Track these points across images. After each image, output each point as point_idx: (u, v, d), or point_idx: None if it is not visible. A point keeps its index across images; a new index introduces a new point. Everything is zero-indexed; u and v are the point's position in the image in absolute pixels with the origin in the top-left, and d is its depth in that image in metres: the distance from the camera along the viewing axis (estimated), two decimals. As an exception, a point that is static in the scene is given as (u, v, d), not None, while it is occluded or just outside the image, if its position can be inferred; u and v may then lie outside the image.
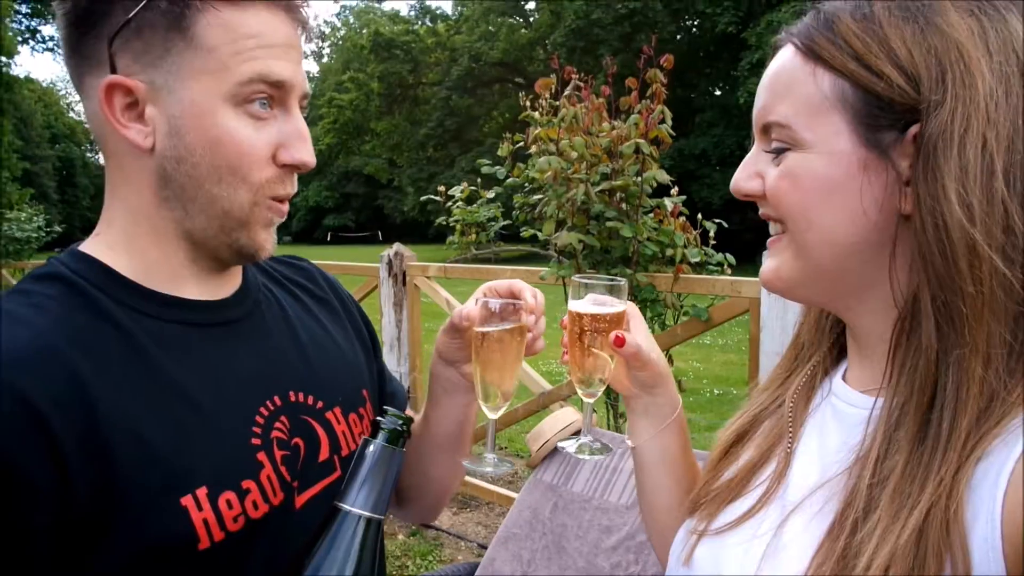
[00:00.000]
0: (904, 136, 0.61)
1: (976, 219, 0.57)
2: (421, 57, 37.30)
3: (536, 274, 3.15)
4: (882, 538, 0.56)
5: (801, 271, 0.69)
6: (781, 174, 0.68)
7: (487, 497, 3.70)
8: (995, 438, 0.55)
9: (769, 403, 0.82)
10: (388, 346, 3.92)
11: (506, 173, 3.32)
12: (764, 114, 0.70)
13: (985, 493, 0.54)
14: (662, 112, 2.77)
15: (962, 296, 0.58)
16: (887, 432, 0.61)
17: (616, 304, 0.84)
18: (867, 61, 0.62)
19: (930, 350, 0.59)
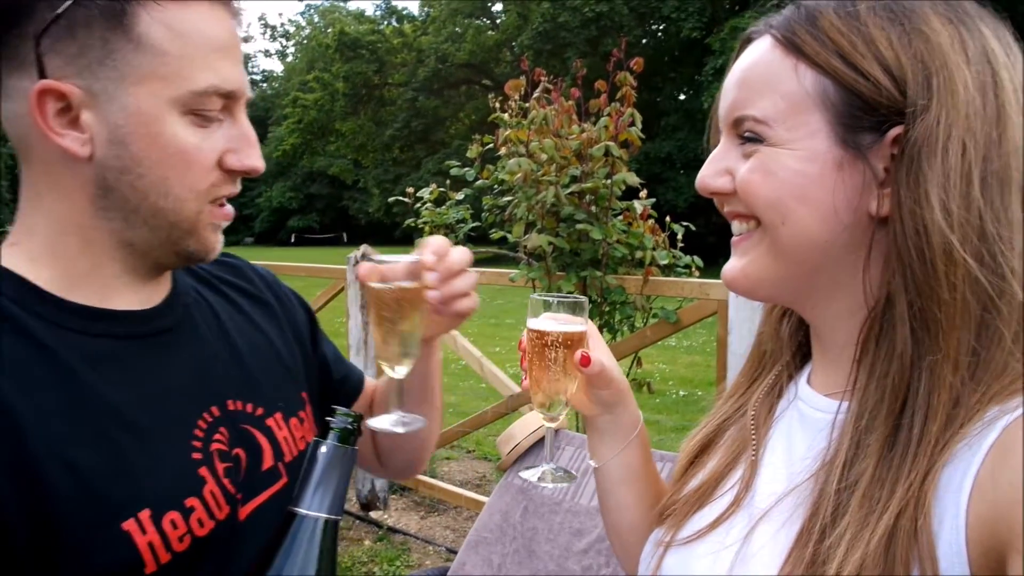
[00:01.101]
0: (883, 138, 0.61)
1: (955, 225, 0.57)
2: (387, 57, 37.08)
3: (506, 276, 3.14)
4: (851, 544, 0.56)
5: (770, 269, 0.67)
6: (753, 168, 0.66)
7: (455, 501, 3.68)
8: (959, 442, 0.55)
9: (732, 412, 0.81)
10: (354, 349, 3.87)
11: (475, 175, 3.30)
12: (737, 108, 0.67)
13: (950, 498, 0.54)
14: (632, 115, 2.78)
15: (938, 302, 0.58)
16: (855, 437, 0.61)
17: (577, 323, 0.81)
18: (852, 60, 0.61)
19: (904, 355, 0.59)
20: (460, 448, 4.95)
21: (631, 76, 2.81)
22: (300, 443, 0.90)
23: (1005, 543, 0.49)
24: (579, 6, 25.77)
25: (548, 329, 0.80)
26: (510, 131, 2.96)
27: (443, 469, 4.54)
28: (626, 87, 2.80)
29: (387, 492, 3.97)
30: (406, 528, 3.72)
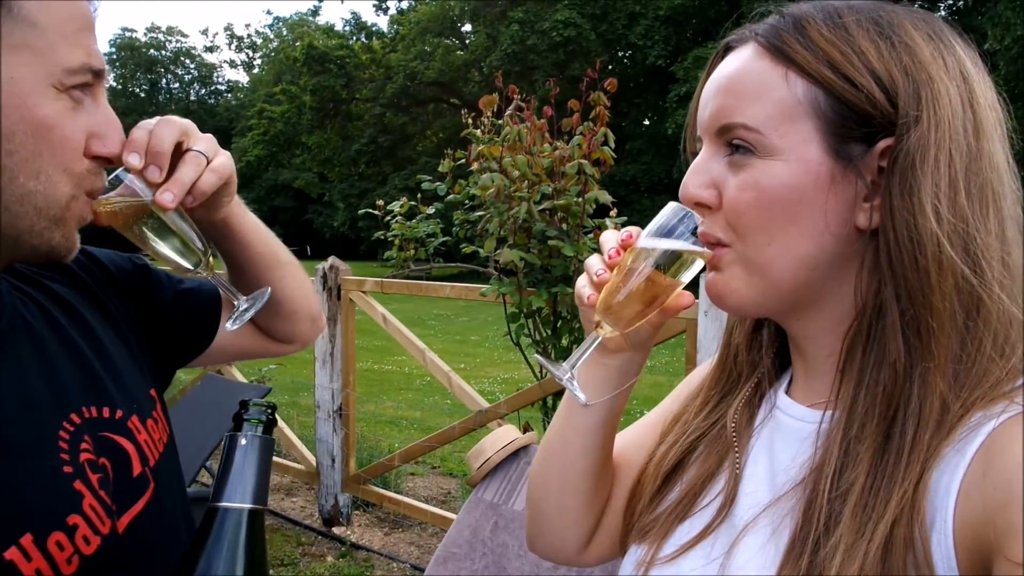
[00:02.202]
0: (871, 150, 0.62)
1: (947, 233, 0.58)
2: (355, 73, 36.96)
3: (476, 291, 3.14)
4: (848, 554, 0.55)
5: (756, 287, 0.65)
6: (744, 185, 0.63)
7: (419, 517, 3.64)
8: (947, 447, 0.56)
9: (707, 427, 0.79)
10: (320, 362, 3.82)
11: (446, 189, 3.31)
12: (724, 115, 0.65)
13: (939, 502, 0.54)
14: (605, 134, 2.82)
15: (931, 310, 0.59)
16: (844, 446, 0.60)
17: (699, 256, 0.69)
18: (844, 71, 0.61)
19: (896, 364, 0.59)
20: (425, 464, 4.90)
21: (604, 96, 2.85)
22: (159, 445, 0.84)
23: (991, 547, 0.49)
24: (547, 30, 26.12)
25: (678, 248, 0.67)
26: (483, 147, 2.98)
27: (408, 485, 4.49)
28: (600, 107, 2.84)
29: (350, 507, 3.91)
30: (369, 544, 3.66)
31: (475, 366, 9.04)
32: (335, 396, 3.79)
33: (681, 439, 0.80)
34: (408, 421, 6.35)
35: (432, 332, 12.19)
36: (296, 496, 4.35)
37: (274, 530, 3.85)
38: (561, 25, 26.09)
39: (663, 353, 8.75)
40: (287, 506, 4.19)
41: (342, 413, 3.81)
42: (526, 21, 26.99)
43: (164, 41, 63.68)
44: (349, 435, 3.84)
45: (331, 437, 3.83)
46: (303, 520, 3.97)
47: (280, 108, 41.28)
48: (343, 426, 3.81)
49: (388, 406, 6.81)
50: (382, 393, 7.50)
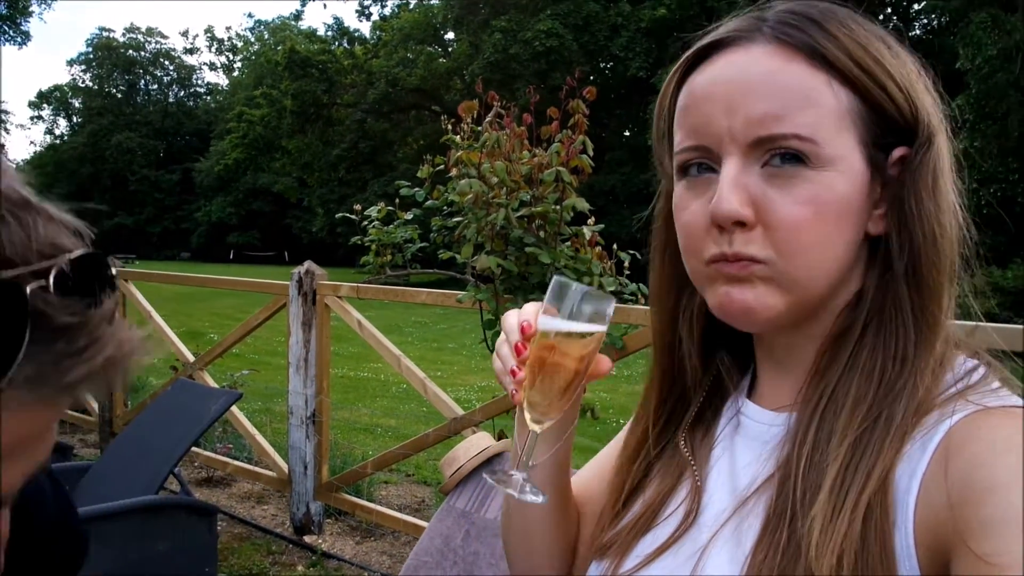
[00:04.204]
0: (889, 157, 0.63)
1: (959, 239, 0.62)
2: (337, 78, 36.88)
3: (452, 297, 3.12)
4: (825, 528, 0.55)
5: (791, 302, 0.62)
6: (803, 199, 0.59)
7: (392, 525, 3.59)
8: (907, 446, 0.57)
9: (659, 449, 0.77)
10: (294, 367, 3.77)
11: (425, 195, 3.29)
12: (768, 124, 0.59)
13: (900, 499, 0.55)
14: (583, 142, 2.82)
15: (932, 316, 0.60)
16: (818, 444, 0.60)
17: (603, 321, 0.71)
18: (877, 78, 0.61)
19: (885, 375, 0.60)
20: (399, 472, 4.86)
21: (583, 104, 2.86)
22: None
23: (949, 545, 0.50)
24: (530, 39, 26.26)
25: (573, 329, 0.69)
26: (462, 152, 2.97)
27: (381, 493, 4.44)
28: (579, 115, 2.85)
29: (322, 516, 3.86)
30: (341, 553, 3.61)
31: (452, 374, 9.00)
32: (308, 402, 3.75)
33: (634, 466, 0.78)
34: (383, 428, 6.30)
35: (409, 339, 12.13)
36: (267, 504, 4.28)
37: (243, 539, 3.79)
38: (543, 35, 26.25)
39: (640, 363, 8.78)
40: (258, 514, 4.13)
41: (315, 420, 3.76)
42: (509, 30, 27.12)
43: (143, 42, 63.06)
44: (322, 442, 3.79)
45: (304, 444, 3.78)
46: (274, 528, 3.91)
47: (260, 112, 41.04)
48: (316, 433, 3.76)
49: (363, 413, 6.75)
50: (358, 400, 7.44)
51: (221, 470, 4.49)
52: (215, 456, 4.47)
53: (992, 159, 15.36)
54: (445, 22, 34.94)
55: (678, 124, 0.66)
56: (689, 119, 0.64)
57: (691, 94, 0.65)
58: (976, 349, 0.64)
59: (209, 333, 10.36)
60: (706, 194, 0.63)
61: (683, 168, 0.66)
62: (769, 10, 0.64)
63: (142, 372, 7.18)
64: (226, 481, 4.60)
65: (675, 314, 0.76)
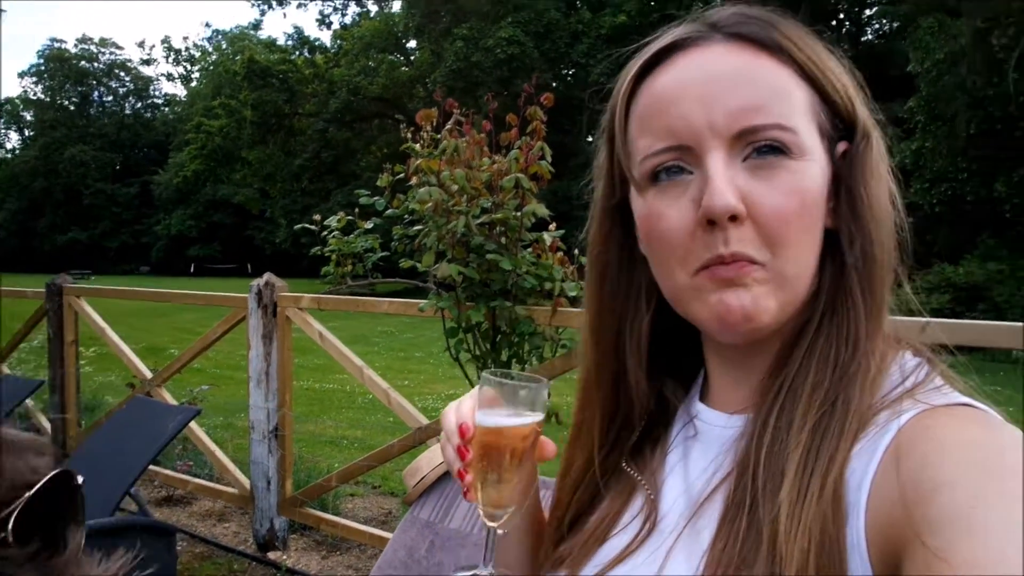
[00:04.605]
0: (835, 151, 0.64)
1: (898, 229, 0.64)
2: (298, 87, 36.53)
3: (414, 306, 3.10)
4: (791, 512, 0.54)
5: (785, 303, 0.61)
6: (789, 189, 0.59)
7: (358, 539, 3.54)
8: (859, 445, 0.57)
9: (605, 474, 0.76)
10: (255, 381, 3.70)
11: (385, 204, 3.26)
12: (751, 115, 0.59)
13: (852, 498, 0.55)
14: (541, 148, 2.83)
15: (879, 302, 0.62)
16: (778, 432, 0.60)
17: (539, 408, 0.71)
18: (825, 74, 0.63)
19: (839, 359, 0.60)
20: (366, 484, 4.80)
21: (541, 111, 2.86)
22: None
23: (901, 542, 0.50)
24: (492, 47, 26.36)
25: (511, 424, 0.69)
26: (421, 160, 2.95)
27: (347, 506, 4.38)
28: (536, 121, 2.85)
29: (286, 531, 3.79)
30: (306, 569, 3.55)
31: (419, 383, 8.94)
32: (270, 416, 3.68)
33: (578, 492, 0.77)
34: (349, 440, 6.22)
35: (376, 349, 12.03)
36: (229, 521, 4.19)
37: (205, 558, 3.70)
38: (505, 42, 26.36)
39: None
40: (220, 532, 4.04)
41: (278, 434, 3.69)
42: (470, 38, 27.18)
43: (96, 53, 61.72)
44: (285, 456, 3.72)
45: (266, 459, 3.71)
46: (236, 546, 3.83)
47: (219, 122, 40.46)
48: (279, 447, 3.70)
49: (328, 425, 6.66)
50: (323, 412, 7.34)
51: (181, 488, 4.38)
52: (174, 474, 4.36)
53: (943, 159, 15.82)
54: (406, 30, 34.89)
55: (643, 130, 0.64)
56: (660, 121, 0.62)
57: (658, 97, 0.63)
58: (917, 346, 0.65)
59: (170, 348, 10.14)
60: (683, 198, 0.62)
61: (653, 175, 0.63)
62: (712, 16, 0.65)
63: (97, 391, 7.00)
64: (186, 500, 4.49)
65: (617, 343, 0.74)
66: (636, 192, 0.66)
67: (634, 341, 0.73)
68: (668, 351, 0.76)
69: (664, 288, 0.67)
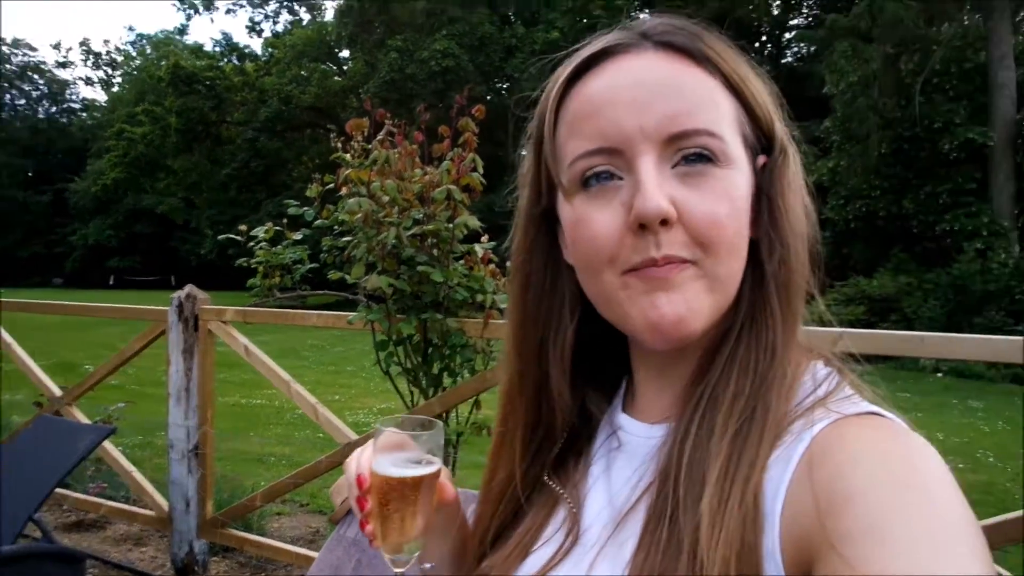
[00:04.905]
0: (756, 163, 0.65)
1: (811, 239, 0.66)
2: (226, 95, 35.54)
3: (343, 319, 3.04)
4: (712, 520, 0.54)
5: (715, 305, 0.62)
6: (717, 197, 0.60)
7: (285, 559, 3.43)
8: (774, 453, 0.57)
9: (527, 488, 0.75)
10: (174, 398, 3.55)
11: (315, 215, 3.19)
12: (682, 121, 0.60)
13: (767, 507, 0.55)
14: (473, 160, 2.83)
15: (795, 310, 0.63)
16: (700, 441, 0.60)
17: (436, 455, 0.71)
18: (749, 87, 0.64)
19: (759, 367, 0.61)
20: (293, 502, 4.66)
21: (472, 123, 2.87)
22: None
23: (813, 551, 0.50)
24: (426, 59, 26.32)
25: (407, 474, 0.69)
26: (351, 171, 2.91)
27: (273, 525, 4.24)
28: (468, 133, 2.85)
29: (207, 554, 3.63)
30: (229, 594, 3.41)
31: (351, 397, 8.76)
32: (191, 434, 3.53)
33: (500, 507, 0.76)
34: (276, 457, 6.03)
35: (306, 363, 11.74)
36: (146, 546, 3.99)
37: (119, 585, 3.51)
38: (440, 55, 26.37)
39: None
40: (135, 557, 3.84)
41: (198, 452, 3.55)
42: (404, 49, 27.07)
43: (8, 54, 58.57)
44: (206, 476, 3.58)
45: (186, 479, 3.55)
46: (153, 572, 3.64)
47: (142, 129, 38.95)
48: (200, 466, 3.55)
49: (254, 442, 6.44)
50: (249, 428, 7.10)
51: (93, 512, 4.15)
52: (86, 497, 4.13)
53: (856, 177, 16.63)
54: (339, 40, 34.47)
55: (573, 133, 0.64)
56: (591, 124, 0.62)
57: (589, 100, 0.63)
58: (827, 355, 0.66)
59: (84, 365, 9.64)
60: (613, 202, 0.61)
61: (583, 179, 0.63)
62: (642, 25, 0.65)
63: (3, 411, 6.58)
64: (99, 524, 4.25)
65: (540, 353, 0.73)
66: (563, 198, 0.66)
67: (557, 351, 0.72)
68: (591, 362, 0.76)
69: (591, 293, 0.66)
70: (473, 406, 2.98)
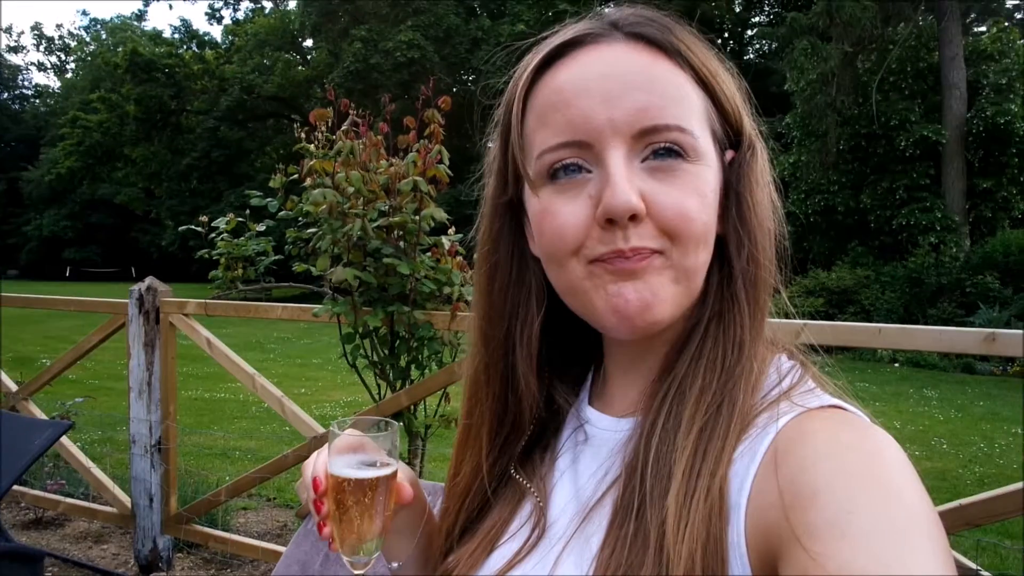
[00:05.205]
0: (724, 158, 0.66)
1: (775, 238, 0.66)
2: (186, 83, 34.71)
3: (308, 311, 3.01)
4: (679, 514, 0.55)
5: (681, 296, 0.62)
6: (687, 192, 0.60)
7: (251, 554, 3.40)
8: (740, 446, 0.58)
9: (494, 481, 0.75)
10: (136, 392, 3.48)
11: (279, 206, 3.15)
12: (652, 115, 0.59)
13: (733, 500, 0.55)
14: (439, 151, 2.82)
15: (763, 305, 0.64)
16: (666, 436, 0.60)
17: (392, 456, 0.72)
18: (719, 83, 0.64)
19: (726, 362, 0.62)
20: (260, 496, 4.61)
21: (439, 114, 2.86)
22: None
23: (778, 545, 0.50)
24: (391, 50, 26.02)
25: (363, 476, 0.69)
26: (315, 161, 2.88)
27: (239, 520, 4.19)
28: (434, 124, 2.84)
29: (171, 550, 3.58)
30: (192, 590, 3.37)
31: (317, 390, 8.68)
32: (153, 429, 3.47)
33: (467, 500, 0.76)
34: (242, 452, 5.95)
35: (272, 356, 11.59)
36: (107, 543, 3.92)
37: (79, 583, 3.44)
38: (405, 46, 26.09)
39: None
40: (96, 555, 3.76)
41: (161, 447, 3.49)
42: (369, 40, 26.72)
43: (-45, 37, 56.40)
44: (170, 471, 3.52)
45: (148, 475, 3.50)
46: (115, 569, 3.58)
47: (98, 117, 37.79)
48: (163, 462, 3.49)
49: (218, 437, 6.35)
50: (213, 423, 6.99)
51: (52, 509, 4.06)
52: (43, 494, 4.03)
53: (816, 172, 16.95)
54: (302, 29, 33.90)
55: (541, 124, 0.63)
56: (559, 115, 0.61)
57: (558, 91, 0.62)
58: (791, 348, 0.68)
59: (41, 358, 9.38)
60: (580, 196, 0.61)
61: (551, 171, 0.62)
62: (612, 15, 0.65)
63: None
64: (58, 521, 4.16)
65: (507, 345, 0.73)
66: (530, 190, 0.65)
67: (524, 342, 0.71)
68: (559, 352, 0.76)
69: (557, 284, 0.66)
70: (441, 398, 2.99)
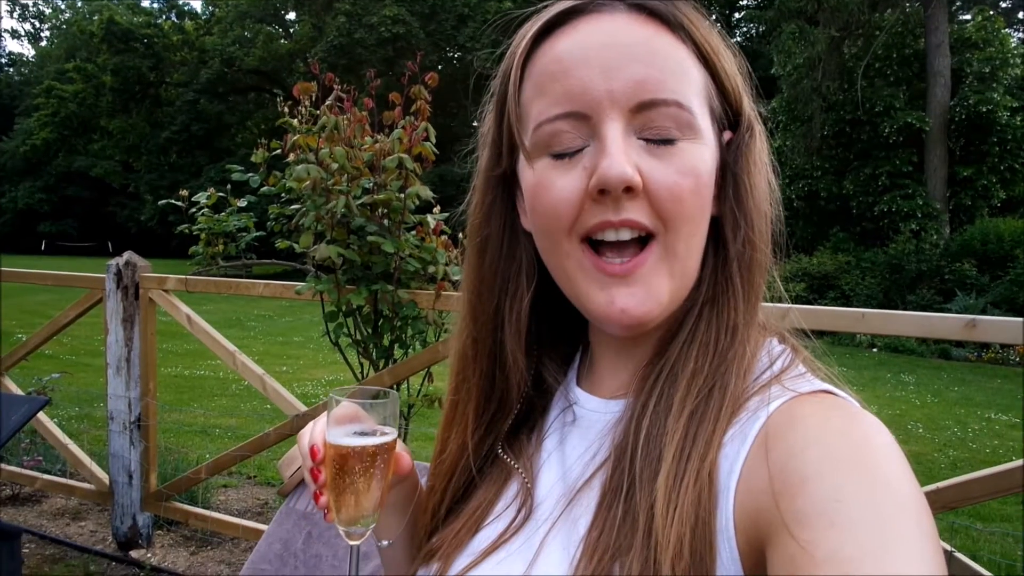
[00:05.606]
0: (722, 138, 0.64)
1: (772, 221, 0.65)
2: (165, 54, 34.05)
3: (291, 289, 2.98)
4: (668, 497, 0.54)
5: (675, 286, 0.61)
6: (685, 170, 0.58)
7: (231, 532, 3.38)
8: (730, 430, 0.57)
9: (480, 460, 0.74)
10: (114, 368, 3.44)
11: (260, 181, 3.10)
12: (651, 88, 0.58)
13: (722, 484, 0.55)
14: (426, 128, 2.78)
15: (757, 289, 0.63)
16: (657, 418, 0.59)
17: (391, 425, 0.70)
18: (721, 61, 0.63)
19: (719, 346, 0.61)
20: (240, 474, 4.59)
21: (425, 90, 2.81)
22: None
23: (767, 529, 0.50)
24: (376, 24, 25.69)
25: (362, 444, 0.68)
26: (299, 136, 2.83)
27: (219, 498, 4.18)
28: (421, 100, 2.80)
29: (151, 527, 3.56)
30: (173, 567, 3.35)
31: (298, 368, 8.64)
32: (132, 406, 3.43)
33: (453, 480, 0.75)
34: (222, 429, 5.92)
35: (253, 333, 11.51)
36: (85, 520, 3.89)
37: (56, 560, 3.41)
38: (389, 21, 25.77)
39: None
40: (74, 532, 3.74)
41: (141, 424, 3.45)
42: (353, 14, 26.35)
43: (-75, 2, 54.83)
44: (149, 448, 3.49)
45: (127, 451, 3.46)
46: (93, 546, 3.56)
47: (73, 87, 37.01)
48: (142, 439, 3.46)
49: (198, 414, 6.31)
50: (193, 400, 6.94)
51: (29, 486, 4.01)
52: (20, 471, 3.99)
53: (801, 157, 17.04)
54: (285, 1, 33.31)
55: (539, 93, 0.61)
56: (558, 85, 0.59)
57: (557, 60, 0.60)
58: (782, 332, 0.67)
59: (17, 333, 9.24)
60: (575, 168, 0.60)
61: (546, 143, 0.61)
62: None
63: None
64: (35, 498, 4.12)
65: (496, 320, 0.71)
66: (525, 161, 0.64)
67: (513, 318, 0.70)
68: (548, 329, 0.75)
69: (550, 264, 0.65)
70: (425, 378, 2.98)
